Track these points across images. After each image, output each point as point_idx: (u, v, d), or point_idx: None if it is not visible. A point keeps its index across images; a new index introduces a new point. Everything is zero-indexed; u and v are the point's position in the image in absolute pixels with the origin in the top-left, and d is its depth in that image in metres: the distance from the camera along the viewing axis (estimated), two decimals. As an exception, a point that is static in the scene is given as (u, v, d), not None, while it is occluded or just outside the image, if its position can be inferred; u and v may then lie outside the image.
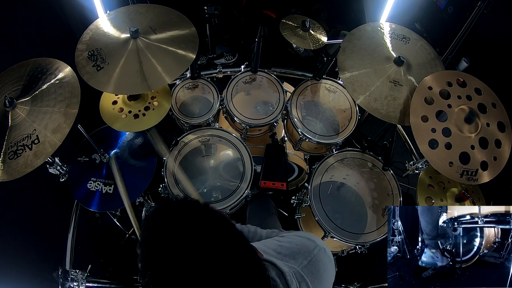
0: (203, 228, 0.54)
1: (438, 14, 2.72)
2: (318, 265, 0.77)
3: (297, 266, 0.74)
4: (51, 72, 1.35)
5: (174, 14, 1.55)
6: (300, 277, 0.72)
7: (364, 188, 1.73)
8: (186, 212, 0.56)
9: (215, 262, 0.50)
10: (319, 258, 0.78)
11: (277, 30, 1.86)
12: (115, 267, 2.12)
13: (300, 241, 0.81)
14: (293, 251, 0.78)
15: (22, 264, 1.67)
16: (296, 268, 0.73)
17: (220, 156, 1.75)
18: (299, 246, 0.79)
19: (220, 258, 0.51)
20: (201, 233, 0.53)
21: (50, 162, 1.45)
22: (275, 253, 0.78)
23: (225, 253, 0.52)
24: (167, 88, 1.64)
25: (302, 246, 0.79)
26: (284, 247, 0.79)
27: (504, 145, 1.34)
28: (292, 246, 0.79)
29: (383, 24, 1.68)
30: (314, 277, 0.74)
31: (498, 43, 2.30)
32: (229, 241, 0.54)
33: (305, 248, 0.79)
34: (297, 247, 0.79)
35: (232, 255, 0.53)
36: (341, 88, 1.88)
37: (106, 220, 2.11)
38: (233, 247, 0.54)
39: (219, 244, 0.53)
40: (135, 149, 1.71)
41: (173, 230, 0.53)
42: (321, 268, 0.77)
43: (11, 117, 1.26)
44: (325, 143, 1.75)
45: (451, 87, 1.40)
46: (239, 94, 1.89)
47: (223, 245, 0.53)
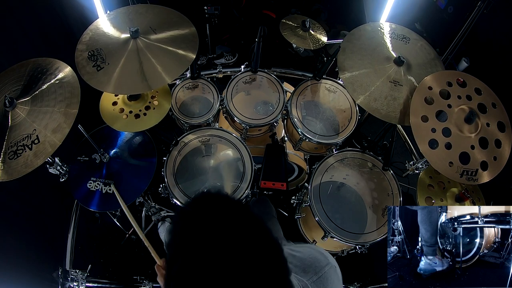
0: (240, 226, 0.53)
1: (438, 14, 2.72)
2: (327, 283, 0.76)
3: (306, 280, 0.73)
4: (51, 72, 1.35)
5: (174, 14, 1.55)
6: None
7: (364, 188, 1.73)
8: (223, 206, 0.56)
9: (246, 262, 0.50)
10: (329, 275, 0.77)
11: (277, 30, 1.86)
12: (115, 267, 2.12)
13: (312, 255, 0.80)
14: (305, 264, 0.76)
15: (22, 264, 1.67)
16: (305, 282, 0.72)
17: (220, 156, 1.75)
18: (311, 260, 0.78)
19: (252, 258, 0.50)
20: (238, 230, 0.52)
21: (50, 162, 1.45)
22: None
23: (259, 255, 0.51)
24: (167, 88, 1.64)
25: (314, 260, 0.78)
26: (296, 258, 0.78)
27: (504, 145, 1.34)
28: (305, 258, 0.78)
29: (383, 24, 1.68)
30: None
31: (498, 43, 2.30)
32: (265, 243, 0.54)
33: (317, 263, 0.77)
34: (309, 260, 0.78)
35: (266, 258, 0.52)
36: (341, 88, 1.88)
37: (106, 220, 2.11)
38: (268, 250, 0.54)
39: (253, 243, 0.52)
40: (135, 148, 1.71)
41: (209, 224, 0.53)
42: (329, 286, 0.76)
43: (11, 117, 1.26)
44: (325, 143, 1.75)
45: (451, 87, 1.40)
46: (239, 94, 1.89)
47: (258, 245, 0.53)
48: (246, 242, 0.52)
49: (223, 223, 0.53)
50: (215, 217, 0.54)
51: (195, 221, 0.54)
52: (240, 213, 0.56)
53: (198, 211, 0.56)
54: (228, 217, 0.54)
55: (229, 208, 0.57)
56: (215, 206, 0.56)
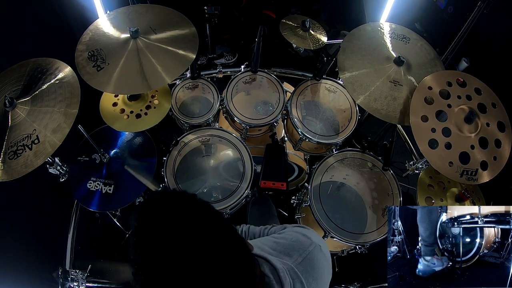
0: (190, 218, 0.53)
1: (438, 14, 2.72)
2: (313, 262, 0.76)
3: (291, 263, 0.73)
4: (51, 72, 1.35)
5: (174, 14, 1.55)
6: (294, 274, 0.71)
7: (364, 188, 1.73)
8: (173, 202, 0.56)
9: (201, 251, 0.50)
10: (314, 255, 0.77)
11: (277, 30, 1.86)
12: (115, 267, 2.12)
13: (295, 237, 0.81)
14: (288, 248, 0.77)
15: (22, 264, 1.67)
16: (290, 264, 0.73)
17: (220, 156, 1.75)
18: (294, 243, 0.79)
19: (207, 248, 0.51)
20: (188, 224, 0.52)
21: (50, 162, 1.45)
22: (270, 250, 0.77)
23: (213, 244, 0.52)
24: (167, 88, 1.64)
25: (297, 243, 0.79)
26: (279, 244, 0.79)
27: (504, 145, 1.34)
28: (287, 243, 0.79)
29: (383, 24, 1.68)
30: (308, 274, 0.74)
31: (498, 43, 2.29)
32: (217, 232, 0.54)
33: (300, 245, 0.78)
34: (292, 244, 0.78)
35: (219, 246, 0.53)
36: (341, 88, 1.88)
37: (106, 220, 2.11)
38: (221, 237, 0.54)
39: (206, 234, 0.52)
40: (135, 149, 1.71)
41: (161, 221, 0.52)
42: (315, 265, 0.76)
43: (11, 117, 1.26)
44: (325, 143, 1.75)
45: (451, 87, 1.40)
46: (239, 94, 1.89)
47: (211, 235, 0.53)
48: (194, 234, 0.51)
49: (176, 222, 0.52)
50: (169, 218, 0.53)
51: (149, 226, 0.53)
52: (186, 205, 0.55)
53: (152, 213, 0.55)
54: (173, 214, 0.54)
55: (173, 203, 0.56)
56: (168, 206, 0.55)
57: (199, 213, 0.55)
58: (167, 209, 0.54)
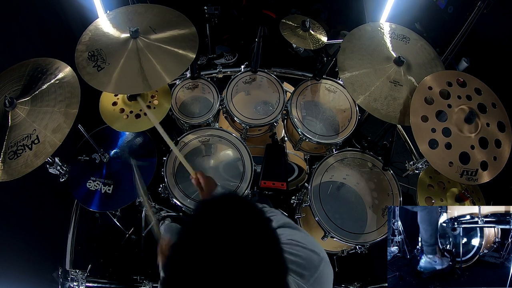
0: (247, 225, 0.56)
1: (438, 14, 2.72)
2: (322, 280, 0.78)
3: (303, 283, 0.74)
4: (51, 72, 1.35)
5: (174, 14, 1.55)
6: None
7: (364, 188, 1.73)
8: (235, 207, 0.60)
9: (247, 259, 0.52)
10: (324, 273, 0.79)
11: (277, 30, 1.86)
12: (115, 267, 2.12)
13: (306, 255, 0.81)
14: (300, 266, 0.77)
15: (22, 264, 1.66)
16: (304, 286, 0.74)
17: (220, 156, 1.75)
18: (306, 261, 0.79)
19: (254, 258, 0.53)
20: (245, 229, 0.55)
21: (50, 162, 1.45)
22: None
23: (261, 254, 0.54)
24: (167, 88, 1.64)
25: (309, 261, 0.79)
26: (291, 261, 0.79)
27: (504, 145, 1.34)
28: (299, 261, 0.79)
29: (383, 24, 1.68)
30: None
31: (498, 43, 2.29)
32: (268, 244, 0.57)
33: (312, 264, 0.79)
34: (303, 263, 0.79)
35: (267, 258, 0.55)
36: (341, 88, 1.88)
37: (106, 220, 2.11)
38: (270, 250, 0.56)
39: (257, 243, 0.55)
40: (135, 149, 1.71)
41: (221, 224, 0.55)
42: (324, 282, 0.78)
43: (11, 117, 1.26)
44: (325, 143, 1.75)
45: (451, 87, 1.40)
46: (239, 94, 1.89)
47: (262, 246, 0.55)
48: (250, 241, 0.54)
49: (233, 222, 0.56)
50: (227, 218, 0.57)
51: (209, 218, 0.57)
52: (249, 213, 0.59)
53: (214, 211, 0.59)
54: (238, 217, 0.57)
55: (240, 208, 0.60)
56: (229, 207, 0.59)
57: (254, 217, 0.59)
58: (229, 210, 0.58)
